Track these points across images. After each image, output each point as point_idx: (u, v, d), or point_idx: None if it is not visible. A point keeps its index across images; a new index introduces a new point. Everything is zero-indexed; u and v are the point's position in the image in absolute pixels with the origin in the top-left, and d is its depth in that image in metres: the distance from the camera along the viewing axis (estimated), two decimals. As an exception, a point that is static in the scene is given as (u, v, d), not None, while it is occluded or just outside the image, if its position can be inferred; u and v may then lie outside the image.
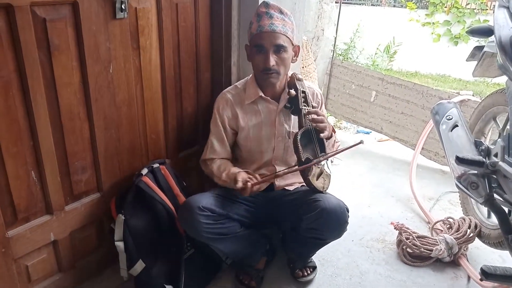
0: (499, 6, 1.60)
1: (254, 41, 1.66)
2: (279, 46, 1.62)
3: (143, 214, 1.62)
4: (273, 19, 1.62)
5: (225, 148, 1.80)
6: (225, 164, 1.76)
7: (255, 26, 1.64)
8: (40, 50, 1.31)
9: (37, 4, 1.26)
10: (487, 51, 1.85)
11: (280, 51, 1.63)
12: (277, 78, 1.68)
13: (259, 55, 1.65)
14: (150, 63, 1.69)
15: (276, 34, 1.61)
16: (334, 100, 3.65)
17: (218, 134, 1.78)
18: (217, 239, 1.60)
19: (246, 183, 1.56)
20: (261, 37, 1.62)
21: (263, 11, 1.63)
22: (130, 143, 1.71)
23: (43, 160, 1.40)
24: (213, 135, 1.78)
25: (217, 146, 1.78)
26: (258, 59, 1.66)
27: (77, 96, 1.46)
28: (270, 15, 1.62)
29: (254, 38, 1.66)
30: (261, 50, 1.63)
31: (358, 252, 2.04)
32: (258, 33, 1.63)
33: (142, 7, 1.59)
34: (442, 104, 1.99)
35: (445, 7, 6.85)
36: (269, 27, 1.60)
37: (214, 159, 1.78)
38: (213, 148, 1.78)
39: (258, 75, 1.72)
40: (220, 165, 1.75)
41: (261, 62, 1.64)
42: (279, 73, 1.66)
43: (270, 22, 1.61)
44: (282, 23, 1.63)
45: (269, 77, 1.66)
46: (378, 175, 2.89)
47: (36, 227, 1.46)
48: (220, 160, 1.78)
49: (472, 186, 1.50)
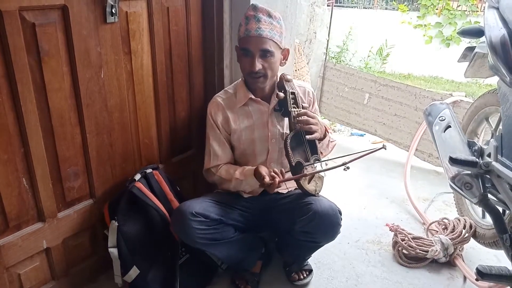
0: (489, 7, 1.60)
1: (241, 44, 1.66)
2: (265, 51, 1.61)
3: (136, 220, 1.61)
4: (260, 23, 1.61)
5: (227, 150, 1.77)
6: (233, 166, 1.74)
7: (243, 29, 1.63)
8: (30, 55, 1.29)
9: (26, 8, 1.25)
10: (478, 51, 1.86)
11: (267, 56, 1.62)
12: (264, 82, 1.68)
13: (245, 59, 1.65)
14: (142, 67, 1.68)
15: (263, 39, 1.60)
16: (328, 102, 3.65)
17: (216, 137, 1.75)
18: (211, 244, 1.58)
19: (274, 179, 1.52)
20: (248, 41, 1.62)
21: (251, 14, 1.63)
22: (122, 148, 1.69)
23: (34, 167, 1.39)
24: (212, 140, 1.76)
25: (218, 150, 1.75)
26: (244, 62, 1.66)
27: (68, 102, 1.45)
28: (258, 18, 1.61)
29: (241, 41, 1.66)
30: (247, 54, 1.63)
31: (354, 254, 2.03)
32: (244, 37, 1.63)
33: (133, 11, 1.58)
34: (434, 105, 1.99)
35: (436, 9, 6.90)
36: (256, 32, 1.60)
37: (219, 165, 1.75)
38: (215, 153, 1.75)
39: (246, 77, 1.72)
40: (229, 168, 1.73)
41: (247, 66, 1.64)
42: (266, 76, 1.66)
43: (257, 26, 1.60)
44: (270, 27, 1.61)
45: (256, 81, 1.66)
46: (373, 177, 2.89)
47: (28, 234, 1.44)
48: (226, 165, 1.76)
49: (466, 187, 1.50)
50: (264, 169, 1.58)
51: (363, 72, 3.51)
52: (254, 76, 1.64)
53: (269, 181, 1.52)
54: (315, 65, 3.76)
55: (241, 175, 1.67)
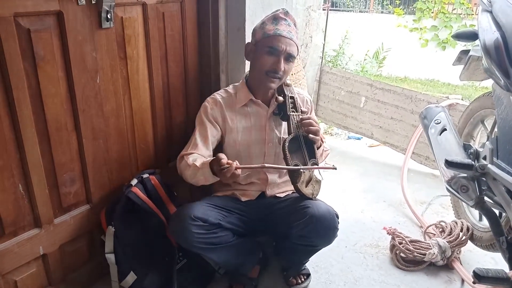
0: (482, 10, 1.61)
1: (269, 41, 1.62)
2: (291, 55, 1.63)
3: (133, 225, 1.61)
4: (290, 27, 1.64)
5: (207, 147, 1.69)
6: (201, 157, 1.66)
7: (272, 27, 1.62)
8: (25, 61, 1.29)
9: (21, 14, 1.25)
10: (473, 55, 1.87)
11: (289, 60, 1.65)
12: (278, 83, 1.69)
13: (270, 57, 1.63)
14: (138, 72, 1.69)
15: (293, 43, 1.63)
16: (324, 106, 3.66)
17: (203, 133, 1.70)
18: (209, 249, 1.58)
19: (231, 163, 1.43)
20: (279, 40, 1.61)
21: (282, 17, 1.64)
22: (119, 153, 1.69)
23: (30, 172, 1.38)
24: (197, 133, 1.70)
25: (199, 142, 1.68)
26: (267, 60, 1.63)
27: (64, 107, 1.44)
28: (288, 23, 1.64)
29: (269, 38, 1.62)
30: (274, 52, 1.62)
31: (351, 258, 2.03)
32: (275, 35, 1.61)
33: (128, 17, 1.59)
34: (430, 108, 2.00)
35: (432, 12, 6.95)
36: (288, 34, 1.62)
37: (192, 153, 1.65)
38: (195, 143, 1.68)
39: (259, 75, 1.68)
40: (196, 158, 1.63)
41: (269, 64, 1.63)
42: (282, 79, 1.68)
43: (288, 30, 1.63)
44: (296, 36, 1.66)
45: (271, 81, 1.66)
46: (370, 180, 2.89)
47: (25, 241, 1.43)
48: (197, 155, 1.65)
49: (462, 189, 1.50)
50: (221, 155, 1.47)
51: (359, 76, 3.52)
52: (273, 75, 1.64)
53: (225, 162, 1.42)
54: (312, 69, 3.77)
55: (200, 164, 1.56)
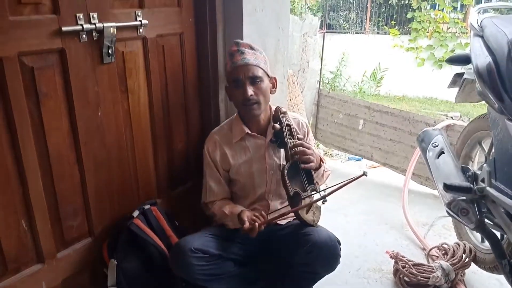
0: (474, 35, 1.64)
1: (230, 77, 1.70)
2: (254, 77, 1.66)
3: (136, 257, 1.61)
4: (244, 54, 1.68)
5: (223, 187, 1.80)
6: (225, 203, 1.77)
7: (229, 64, 1.70)
8: (29, 98, 1.32)
9: (25, 53, 1.29)
10: (467, 77, 1.89)
11: (256, 82, 1.67)
12: (258, 108, 1.71)
13: (237, 90, 1.68)
14: (139, 104, 1.72)
15: (250, 66, 1.66)
16: (323, 129, 3.69)
17: (213, 175, 1.79)
18: (211, 280, 1.57)
19: (254, 223, 1.55)
20: (236, 71, 1.67)
21: (234, 50, 1.70)
22: (120, 185, 1.71)
23: (33, 208, 1.39)
24: (208, 177, 1.79)
25: (214, 187, 1.78)
26: (237, 93, 1.69)
27: (66, 141, 1.47)
28: (241, 51, 1.68)
29: (229, 75, 1.71)
30: (238, 83, 1.67)
31: (355, 283, 2.01)
32: (232, 69, 1.68)
33: (129, 51, 1.63)
34: (427, 131, 2.01)
35: (427, 32, 7.05)
36: (242, 61, 1.66)
37: (214, 201, 1.79)
38: (211, 190, 1.79)
39: (241, 109, 1.75)
40: (221, 205, 1.75)
41: (240, 95, 1.68)
42: (260, 103, 1.69)
43: (242, 57, 1.67)
44: (254, 57, 1.69)
45: (251, 109, 1.69)
46: (371, 202, 2.88)
47: (27, 277, 1.43)
48: (220, 201, 1.78)
49: (462, 213, 1.50)
50: (246, 214, 1.60)
51: (356, 99, 3.57)
52: (248, 103, 1.67)
53: (248, 227, 1.54)
54: (309, 93, 3.82)
55: (229, 212, 1.69)
